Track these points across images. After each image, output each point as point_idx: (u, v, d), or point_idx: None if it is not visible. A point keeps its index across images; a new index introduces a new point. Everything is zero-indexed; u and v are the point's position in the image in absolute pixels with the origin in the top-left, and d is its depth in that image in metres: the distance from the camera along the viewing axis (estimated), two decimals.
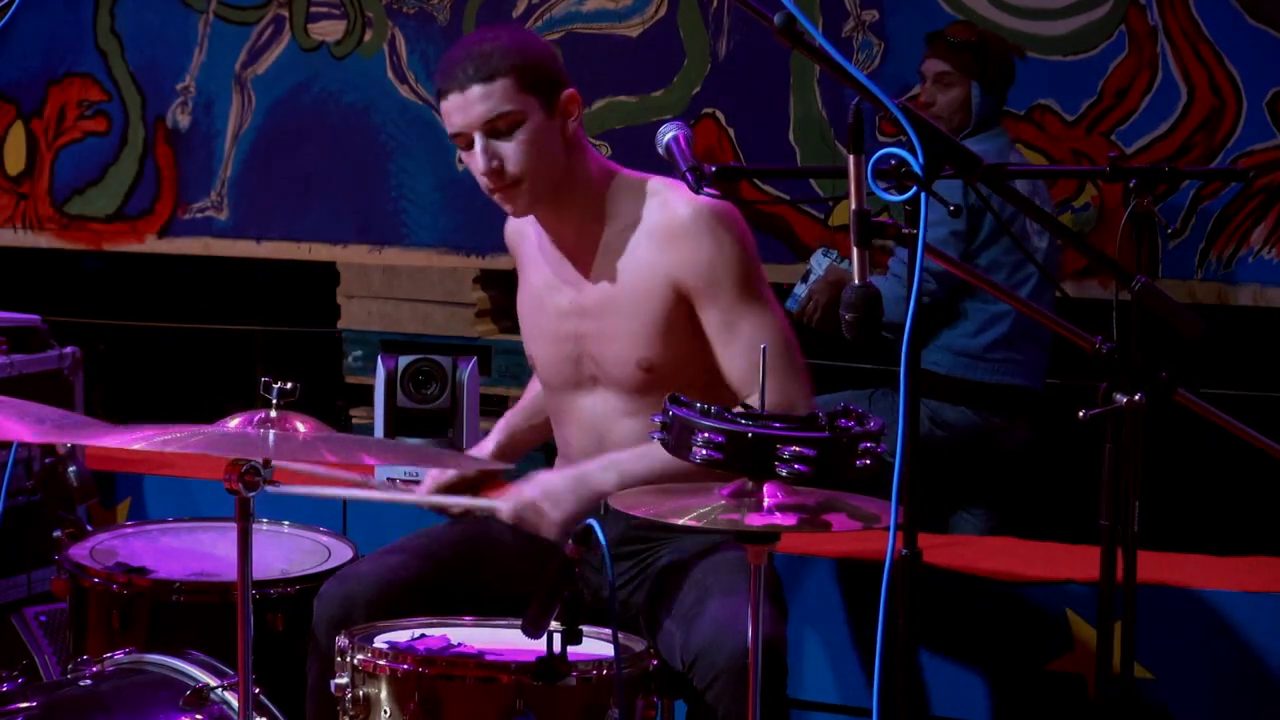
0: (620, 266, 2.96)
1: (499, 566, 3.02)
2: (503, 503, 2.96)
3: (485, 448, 3.36)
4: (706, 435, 2.29)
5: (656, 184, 2.97)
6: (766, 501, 2.33)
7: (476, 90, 2.87)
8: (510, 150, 2.89)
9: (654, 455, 2.75)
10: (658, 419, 2.39)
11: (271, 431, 2.74)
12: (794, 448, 2.26)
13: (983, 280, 2.67)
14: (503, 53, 2.88)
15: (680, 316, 2.93)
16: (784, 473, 2.27)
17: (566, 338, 3.04)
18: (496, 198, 2.96)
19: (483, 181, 2.94)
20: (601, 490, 2.87)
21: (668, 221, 2.91)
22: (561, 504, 2.90)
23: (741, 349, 2.89)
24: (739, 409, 2.34)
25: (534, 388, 3.36)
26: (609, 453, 2.98)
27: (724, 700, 2.66)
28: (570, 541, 2.37)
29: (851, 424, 2.32)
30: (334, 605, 2.88)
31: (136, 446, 2.46)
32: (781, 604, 2.89)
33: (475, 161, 2.91)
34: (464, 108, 2.89)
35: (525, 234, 3.15)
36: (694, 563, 2.92)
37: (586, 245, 3.00)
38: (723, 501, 2.36)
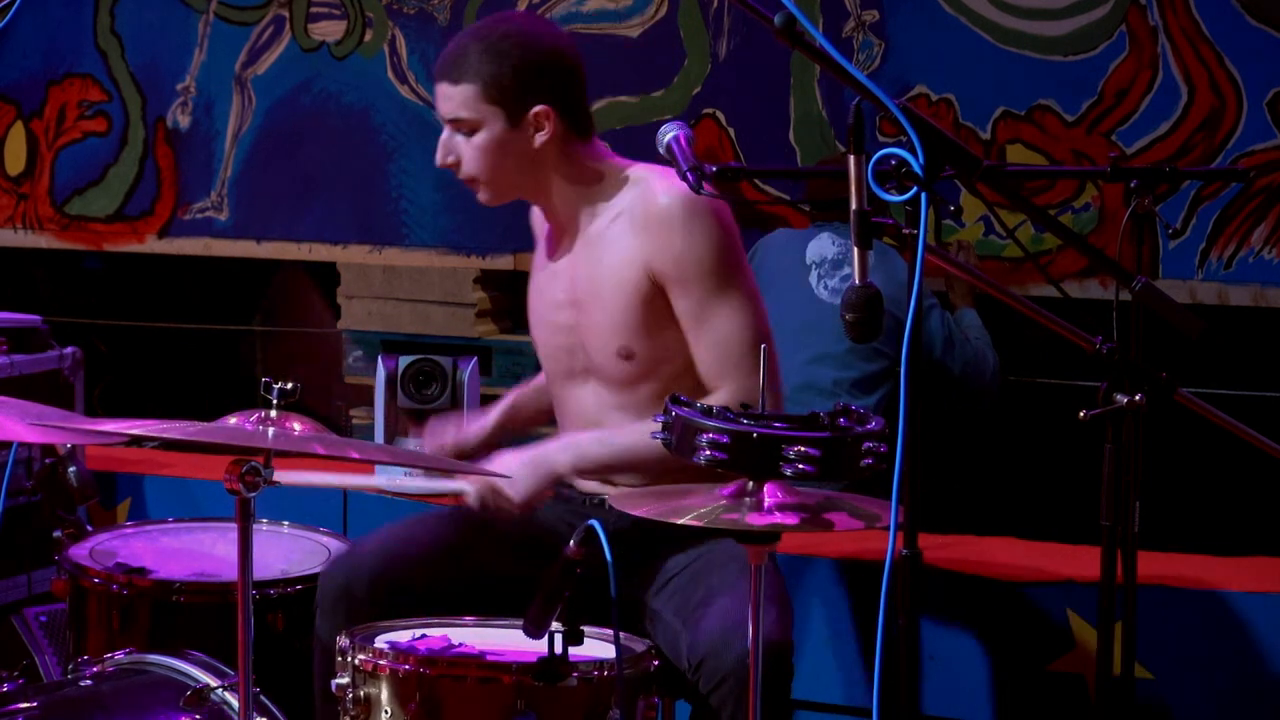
0: (603, 255, 2.97)
1: (499, 552, 3.02)
2: (468, 484, 2.96)
3: (487, 418, 3.32)
4: (711, 436, 2.29)
5: (639, 171, 2.98)
6: (767, 501, 2.32)
7: (444, 87, 2.96)
8: (467, 151, 2.96)
9: (614, 440, 2.89)
10: (659, 419, 2.38)
11: (271, 428, 2.74)
12: (799, 447, 2.26)
13: (981, 279, 2.67)
14: (480, 57, 2.92)
15: (660, 306, 2.93)
16: (789, 473, 2.27)
17: (561, 328, 3.06)
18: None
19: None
20: (557, 471, 2.92)
21: (645, 209, 2.91)
22: (518, 485, 2.89)
23: (710, 341, 2.90)
24: (737, 409, 2.34)
25: None
26: (570, 433, 3.00)
27: (729, 703, 2.66)
28: (572, 542, 2.37)
29: (851, 423, 2.32)
30: (337, 581, 2.91)
31: (134, 432, 2.45)
32: (787, 604, 2.87)
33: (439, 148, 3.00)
34: (439, 98, 2.99)
35: (539, 223, 3.18)
36: (699, 556, 2.92)
37: (576, 237, 3.03)
38: (723, 501, 2.35)
